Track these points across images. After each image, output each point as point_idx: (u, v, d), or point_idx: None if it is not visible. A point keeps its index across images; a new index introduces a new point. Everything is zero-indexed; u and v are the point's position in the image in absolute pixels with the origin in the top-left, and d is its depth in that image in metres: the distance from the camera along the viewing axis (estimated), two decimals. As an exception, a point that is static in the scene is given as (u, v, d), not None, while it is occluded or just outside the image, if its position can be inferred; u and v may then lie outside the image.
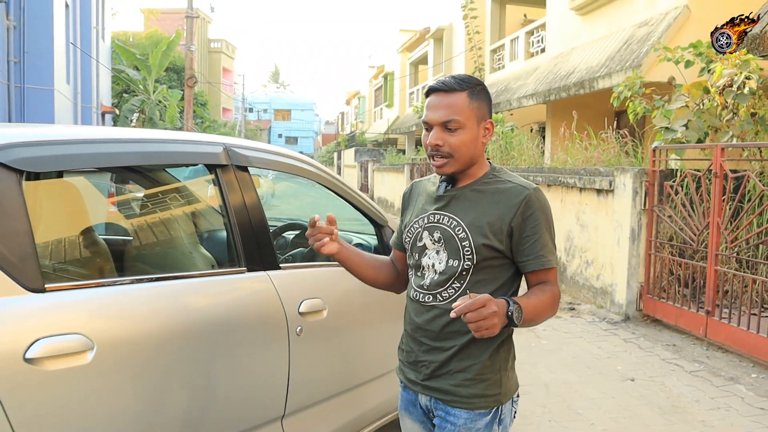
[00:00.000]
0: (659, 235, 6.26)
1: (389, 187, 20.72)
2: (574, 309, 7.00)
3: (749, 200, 5.43)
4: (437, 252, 1.75)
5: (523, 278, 1.82)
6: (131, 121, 20.49)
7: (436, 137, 1.69)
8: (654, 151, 6.26)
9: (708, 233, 5.57)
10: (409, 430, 1.93)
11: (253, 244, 2.34)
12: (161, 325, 1.91)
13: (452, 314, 1.49)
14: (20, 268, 1.59)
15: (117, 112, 19.89)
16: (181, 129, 20.95)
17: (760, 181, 5.26)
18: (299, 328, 2.42)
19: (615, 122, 9.14)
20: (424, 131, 1.76)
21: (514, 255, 1.73)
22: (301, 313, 2.44)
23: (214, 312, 2.11)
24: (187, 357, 1.99)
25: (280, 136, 58.76)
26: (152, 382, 1.87)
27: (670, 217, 6.08)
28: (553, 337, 5.87)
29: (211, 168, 2.31)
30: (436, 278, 1.75)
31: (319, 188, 2.94)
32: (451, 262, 1.72)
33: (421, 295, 1.78)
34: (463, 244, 1.71)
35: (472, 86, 1.71)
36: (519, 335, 3.45)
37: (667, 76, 8.37)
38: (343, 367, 2.77)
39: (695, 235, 5.75)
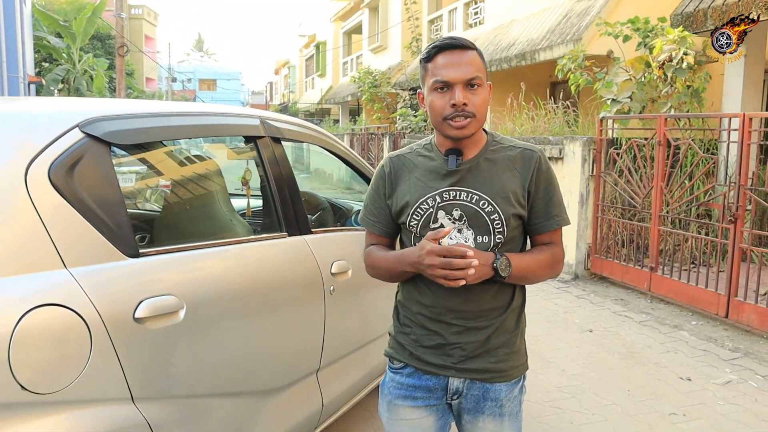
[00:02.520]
0: (605, 199, 6.76)
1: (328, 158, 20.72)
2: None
3: (689, 165, 5.97)
4: (459, 231, 1.64)
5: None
6: (55, 91, 19.43)
7: (462, 96, 1.56)
8: (601, 120, 6.71)
9: (652, 196, 6.09)
10: (406, 420, 1.76)
11: (291, 210, 2.50)
12: (231, 285, 2.07)
13: (425, 238, 1.54)
14: (119, 235, 1.71)
15: (43, 82, 18.81)
16: (110, 99, 20.08)
17: (706, 148, 5.79)
18: (332, 287, 2.61)
19: (552, 93, 9.61)
20: (432, 94, 1.62)
21: (529, 217, 1.69)
22: (332, 274, 2.63)
23: (269, 273, 2.28)
24: (250, 314, 2.16)
25: (202, 106, 56.93)
26: (227, 337, 2.03)
27: (615, 182, 6.58)
28: (513, 296, 6.28)
29: (250, 139, 2.44)
30: None
31: (328, 156, 3.13)
32: (480, 239, 1.63)
33: None
34: (492, 218, 1.62)
35: (477, 48, 1.65)
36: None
37: (605, 49, 8.87)
38: (362, 324, 2.99)
39: (640, 198, 6.26)
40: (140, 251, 1.77)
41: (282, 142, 2.58)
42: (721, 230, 5.35)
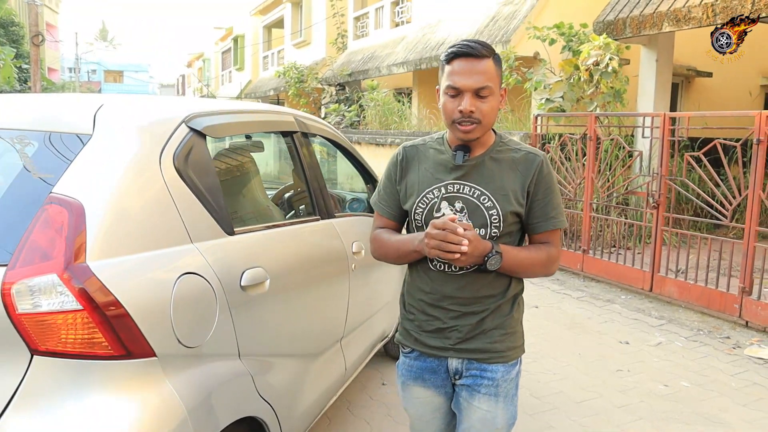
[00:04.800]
0: (541, 189, 7.41)
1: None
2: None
3: (617, 159, 6.72)
4: (459, 221, 1.70)
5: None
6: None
7: (470, 104, 1.65)
8: (536, 117, 7.36)
9: (583, 186, 6.79)
10: (418, 398, 1.91)
11: (320, 196, 2.83)
12: (294, 260, 2.39)
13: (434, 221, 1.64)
14: (221, 215, 1.99)
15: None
16: (21, 93, 19.00)
17: (629, 143, 6.53)
18: (354, 264, 2.97)
19: None
20: (444, 96, 1.71)
21: (526, 217, 1.78)
22: (354, 252, 2.98)
23: (315, 250, 2.61)
24: (304, 286, 2.48)
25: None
26: (291, 306, 2.35)
27: (550, 173, 7.25)
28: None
29: (287, 134, 2.75)
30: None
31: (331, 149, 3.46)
32: (477, 230, 1.72)
33: (447, 265, 1.76)
34: (490, 212, 1.72)
35: (494, 53, 1.71)
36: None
37: (532, 51, 9.58)
38: (371, 299, 3.36)
39: (572, 188, 6.95)
40: (235, 230, 2.06)
41: (310, 136, 2.90)
42: (645, 215, 6.10)
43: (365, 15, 16.98)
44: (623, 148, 6.42)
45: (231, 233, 2.03)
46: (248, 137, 2.85)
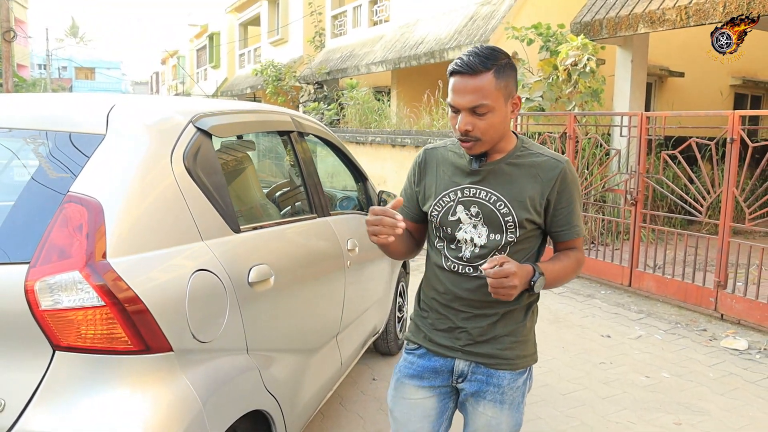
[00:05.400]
0: (521, 187, 7.55)
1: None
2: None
3: (596, 156, 6.88)
4: (474, 226, 1.73)
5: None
6: None
7: (465, 122, 1.62)
8: (516, 116, 7.48)
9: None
10: (409, 399, 1.88)
11: (317, 194, 2.88)
12: (295, 257, 2.45)
13: (482, 267, 1.59)
14: (227, 214, 2.03)
15: None
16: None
17: (606, 142, 6.68)
18: (348, 261, 3.02)
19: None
20: (450, 111, 1.69)
21: (548, 225, 1.76)
22: (348, 250, 3.04)
23: (313, 247, 2.66)
24: (304, 283, 2.53)
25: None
26: (292, 303, 2.40)
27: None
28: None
29: (283, 134, 2.79)
30: (477, 251, 1.73)
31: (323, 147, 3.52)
32: (492, 236, 1.71)
33: (461, 266, 1.76)
34: (506, 219, 1.70)
35: (498, 63, 1.61)
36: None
37: (510, 50, 9.70)
38: (363, 295, 3.42)
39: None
40: (240, 227, 2.11)
41: (306, 135, 2.95)
42: (623, 212, 6.26)
43: (343, 13, 17.00)
44: (601, 146, 6.57)
45: (237, 231, 2.07)
46: (239, 136, 2.89)
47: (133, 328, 1.54)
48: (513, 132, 1.78)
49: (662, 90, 11.67)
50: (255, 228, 2.24)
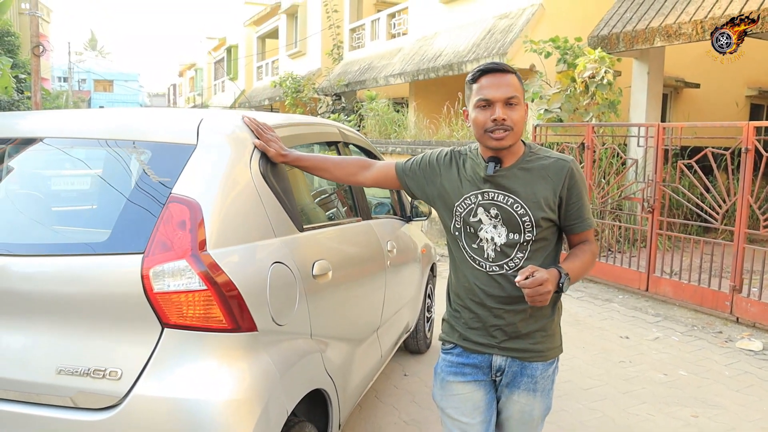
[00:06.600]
0: (540, 196, 7.79)
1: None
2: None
3: (613, 166, 7.11)
4: (494, 227, 1.88)
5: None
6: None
7: (502, 112, 1.80)
8: (535, 128, 7.73)
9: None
10: (458, 395, 2.00)
11: (362, 199, 3.16)
12: (349, 254, 2.71)
13: (516, 280, 1.71)
14: (294, 214, 2.30)
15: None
16: (19, 103, 19.15)
17: (622, 152, 6.91)
18: (388, 261, 3.28)
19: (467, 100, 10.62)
20: (475, 111, 1.85)
21: (562, 220, 1.91)
22: (388, 251, 3.30)
23: (364, 247, 2.93)
24: (355, 278, 2.80)
25: (101, 107, 54.74)
26: (345, 296, 2.67)
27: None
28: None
29: (331, 144, 3.07)
30: (499, 250, 1.89)
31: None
32: (512, 236, 1.87)
33: (487, 265, 1.90)
34: (523, 219, 1.86)
35: (516, 71, 1.88)
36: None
37: (528, 63, 9.99)
38: (399, 295, 3.67)
39: (570, 194, 7.32)
40: (304, 227, 2.38)
41: (349, 145, 3.22)
42: (641, 219, 6.47)
43: (361, 27, 17.35)
44: (618, 156, 6.80)
45: (301, 229, 2.34)
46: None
47: (228, 310, 1.80)
48: (521, 140, 1.94)
49: (678, 101, 11.86)
50: (314, 228, 2.51)
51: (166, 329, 1.78)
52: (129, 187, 1.94)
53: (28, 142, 2.22)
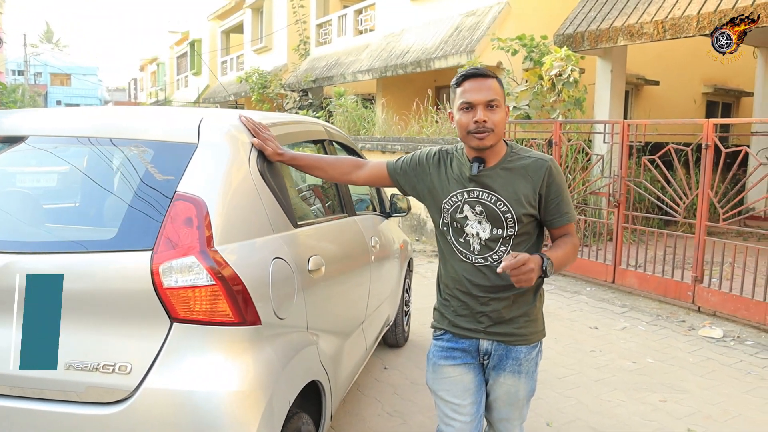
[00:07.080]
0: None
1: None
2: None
3: (580, 161, 7.32)
4: (479, 222, 2.02)
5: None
6: None
7: (483, 114, 1.92)
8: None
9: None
10: (448, 378, 2.13)
11: (347, 196, 3.23)
12: (338, 249, 2.78)
13: (498, 270, 1.83)
14: (289, 211, 2.36)
15: None
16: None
17: (588, 147, 7.13)
18: (372, 256, 3.37)
19: (436, 96, 10.68)
20: (459, 113, 1.97)
21: (543, 215, 2.04)
22: (372, 246, 3.38)
23: (351, 242, 3.01)
24: (343, 273, 2.87)
25: (59, 102, 53.17)
26: (335, 290, 2.74)
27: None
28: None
29: (317, 142, 3.13)
30: (484, 244, 2.03)
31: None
32: (495, 231, 2.01)
33: (473, 257, 2.05)
34: (505, 216, 1.99)
35: (496, 76, 2.01)
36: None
37: (495, 60, 10.16)
38: (381, 289, 3.76)
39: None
40: (298, 223, 2.44)
41: (333, 143, 3.29)
42: (606, 213, 6.69)
43: (328, 22, 17.33)
44: (584, 152, 7.01)
45: (296, 226, 2.41)
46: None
47: (235, 304, 1.86)
48: (503, 140, 2.07)
49: (638, 98, 12.23)
50: (307, 224, 2.57)
51: (174, 324, 1.83)
52: (134, 186, 1.97)
53: (28, 140, 2.23)
